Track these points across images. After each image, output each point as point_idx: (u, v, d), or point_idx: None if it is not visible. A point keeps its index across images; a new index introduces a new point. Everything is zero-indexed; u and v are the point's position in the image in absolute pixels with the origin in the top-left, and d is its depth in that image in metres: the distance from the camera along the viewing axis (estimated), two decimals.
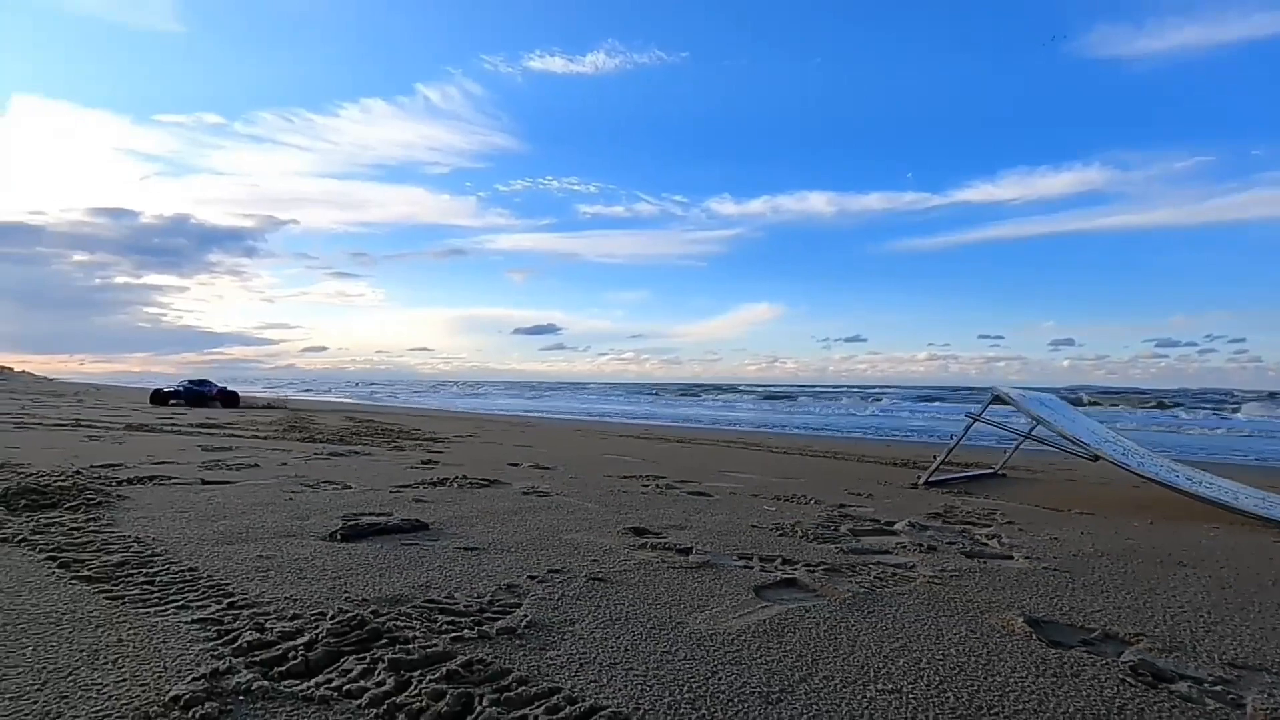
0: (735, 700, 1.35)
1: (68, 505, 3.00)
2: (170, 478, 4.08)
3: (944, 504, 4.20)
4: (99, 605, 1.75)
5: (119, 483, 3.76)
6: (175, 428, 8.72)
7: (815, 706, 1.34)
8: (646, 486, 4.53)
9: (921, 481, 5.27)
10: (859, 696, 1.39)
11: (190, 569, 2.12)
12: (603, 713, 1.25)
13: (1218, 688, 1.51)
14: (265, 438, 7.59)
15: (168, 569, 2.11)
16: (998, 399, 5.17)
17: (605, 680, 1.41)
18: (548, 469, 5.40)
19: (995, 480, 5.81)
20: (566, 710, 1.25)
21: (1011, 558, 2.79)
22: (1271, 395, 27.97)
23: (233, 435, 7.79)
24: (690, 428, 13.96)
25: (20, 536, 2.40)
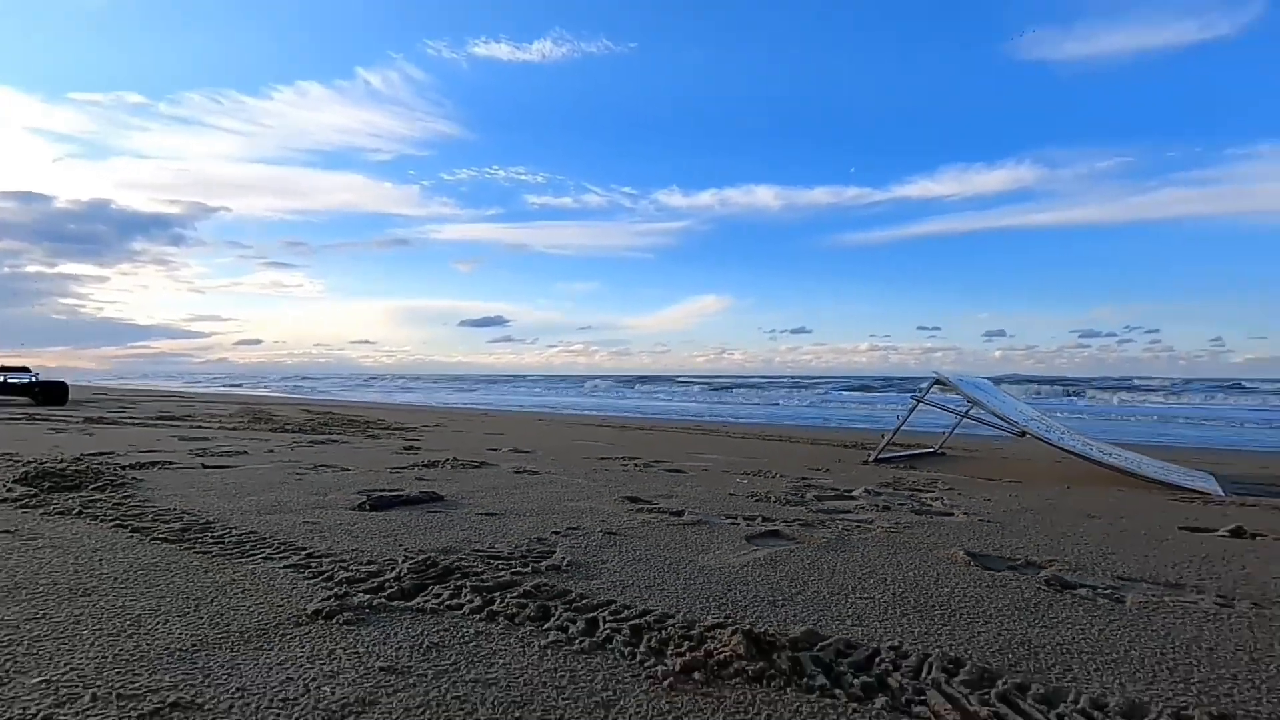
0: (751, 605, 1.73)
1: (93, 486, 3.17)
2: (171, 463, 4.23)
3: (893, 476, 4.71)
4: (193, 557, 2.01)
5: (124, 468, 3.90)
6: (135, 420, 8.61)
7: (811, 608, 1.74)
8: (626, 466, 4.90)
9: (871, 458, 5.80)
10: (843, 602, 1.80)
11: (250, 531, 2.38)
12: (654, 613, 1.61)
13: (1107, 591, 1.98)
14: (235, 428, 7.62)
15: (230, 532, 2.36)
16: (939, 382, 5.74)
17: (647, 596, 1.78)
18: (527, 453, 5.71)
19: (936, 458, 6.39)
20: (625, 613, 1.61)
21: (952, 514, 3.28)
22: (1187, 383, 30.10)
23: (199, 427, 7.78)
24: (645, 417, 14.37)
25: (75, 510, 2.60)
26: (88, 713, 1.06)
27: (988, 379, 7.66)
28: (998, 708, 1.18)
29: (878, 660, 1.37)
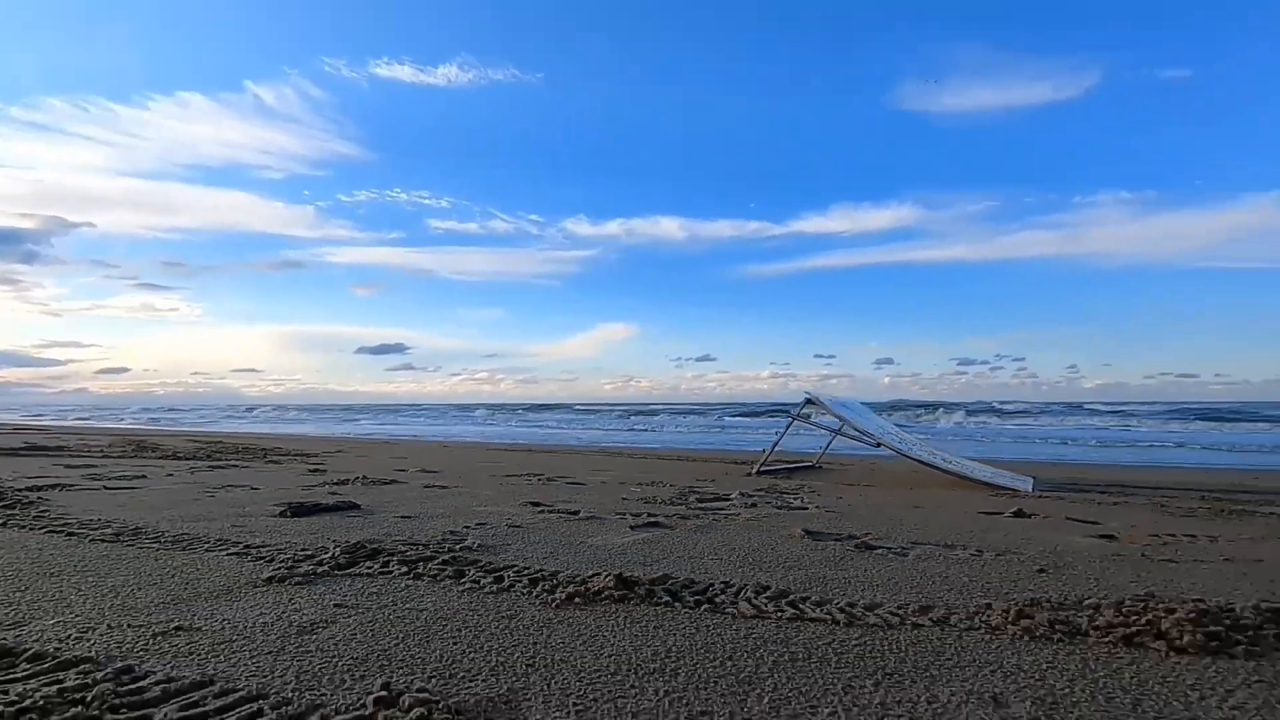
0: (626, 565, 2.22)
1: (2, 504, 3.24)
2: (70, 486, 4.24)
3: (768, 484, 5.36)
4: (138, 551, 2.27)
5: (22, 490, 3.90)
6: (3, 450, 8.07)
7: (672, 565, 2.24)
8: (530, 481, 5.29)
9: (754, 470, 6.47)
10: (698, 562, 2.32)
11: (183, 533, 2.63)
12: (548, 571, 2.06)
13: (898, 550, 2.61)
14: (119, 457, 7.36)
15: (163, 535, 2.60)
16: (810, 401, 6.51)
17: (544, 562, 2.23)
18: (435, 472, 5.97)
19: (813, 470, 7.16)
20: (526, 571, 2.05)
21: (806, 508, 3.91)
22: (1048, 405, 33.41)
23: (81, 457, 7.44)
24: (552, 443, 14.67)
25: (0, 522, 2.73)
26: (111, 633, 1.39)
27: (862, 402, 8.62)
28: (784, 608, 1.72)
29: (710, 588, 1.89)
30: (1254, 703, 1.18)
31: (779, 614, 1.67)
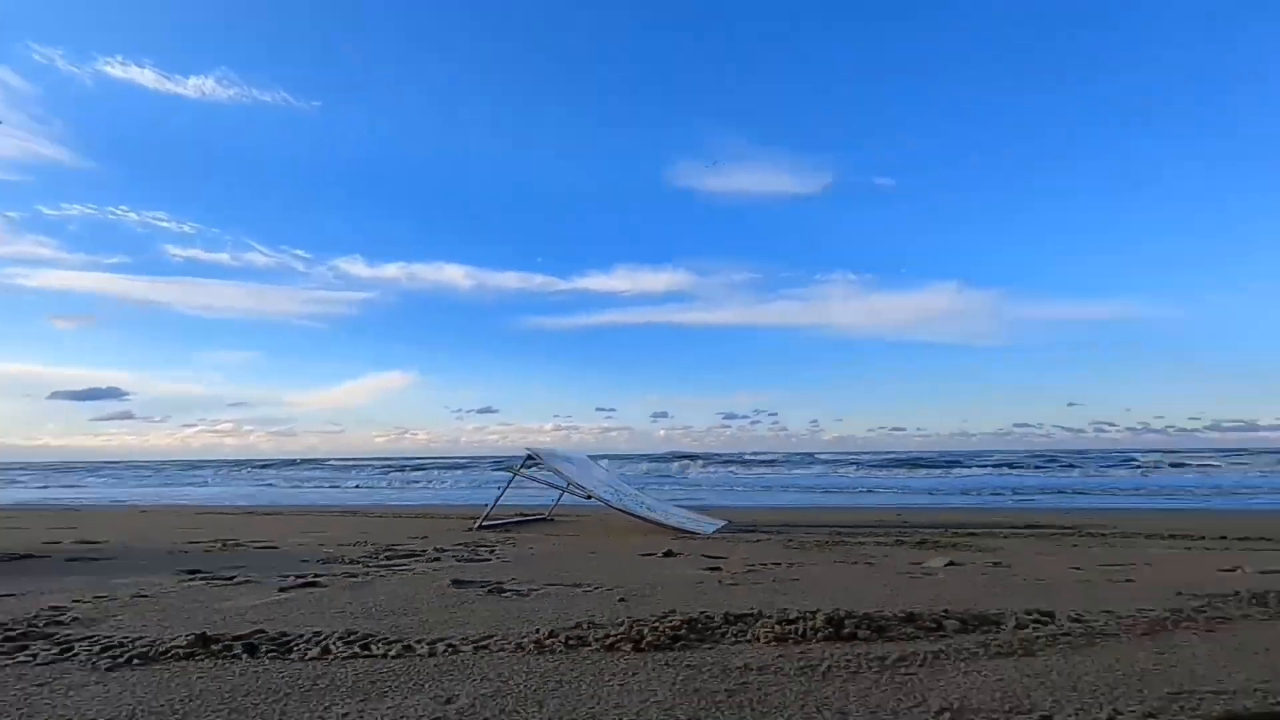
0: (237, 626, 2.28)
1: None
2: None
3: (478, 538, 5.56)
4: None
5: None
6: None
7: (284, 623, 2.35)
8: (211, 548, 4.91)
9: (476, 525, 6.62)
10: (319, 617, 2.45)
11: None
12: (130, 637, 2.06)
13: (525, 593, 2.97)
14: None
15: None
16: (530, 457, 6.90)
17: (141, 631, 2.21)
18: (98, 543, 5.25)
19: (543, 522, 7.50)
20: (105, 641, 2.04)
21: (490, 560, 4.19)
22: (790, 456, 37.76)
23: None
24: (281, 505, 13.43)
25: None
26: None
27: (588, 455, 9.26)
28: (353, 650, 1.95)
29: (297, 640, 2.05)
30: (644, 675, 1.66)
31: (341, 655, 1.89)
